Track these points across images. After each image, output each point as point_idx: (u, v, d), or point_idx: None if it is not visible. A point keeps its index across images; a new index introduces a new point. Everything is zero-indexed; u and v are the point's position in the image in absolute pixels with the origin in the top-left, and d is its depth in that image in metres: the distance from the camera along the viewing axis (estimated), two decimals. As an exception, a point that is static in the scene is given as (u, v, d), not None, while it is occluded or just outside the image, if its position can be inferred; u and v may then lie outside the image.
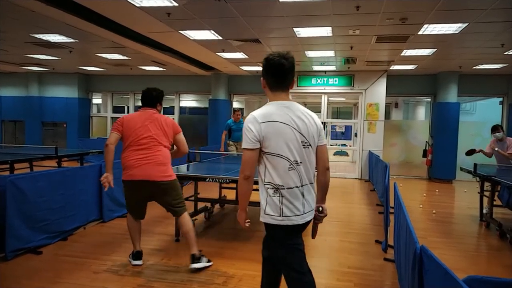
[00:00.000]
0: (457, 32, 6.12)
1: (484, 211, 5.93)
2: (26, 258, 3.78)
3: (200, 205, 5.49)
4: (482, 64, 8.97)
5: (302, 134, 2.11)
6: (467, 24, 5.70)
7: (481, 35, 6.33)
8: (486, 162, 6.82)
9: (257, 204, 5.77)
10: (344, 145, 17.40)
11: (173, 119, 3.77)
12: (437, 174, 10.40)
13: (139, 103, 14.50)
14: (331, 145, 15.58)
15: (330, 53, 8.25)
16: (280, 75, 2.13)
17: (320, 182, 2.32)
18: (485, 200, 5.96)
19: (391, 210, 4.43)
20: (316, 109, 11.69)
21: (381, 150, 10.28)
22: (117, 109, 14.12)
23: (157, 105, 3.77)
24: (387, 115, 13.89)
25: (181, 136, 3.73)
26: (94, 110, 14.55)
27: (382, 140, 10.46)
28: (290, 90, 2.22)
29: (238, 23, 5.99)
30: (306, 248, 4.54)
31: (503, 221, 5.33)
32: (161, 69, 11.04)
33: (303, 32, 6.47)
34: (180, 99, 12.90)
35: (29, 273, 3.44)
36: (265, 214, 2.14)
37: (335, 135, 18.47)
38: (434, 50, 7.57)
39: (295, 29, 6.32)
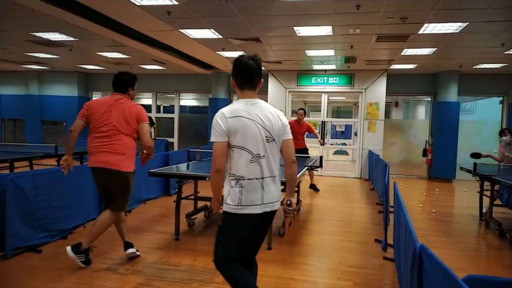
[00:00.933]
0: (457, 31, 6.12)
1: (484, 210, 5.93)
2: (26, 256, 3.78)
3: (200, 204, 5.49)
4: (482, 63, 8.97)
5: (266, 130, 2.25)
6: (467, 23, 5.70)
7: (481, 34, 6.33)
8: (486, 161, 6.83)
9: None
10: (344, 144, 17.42)
11: (145, 114, 3.62)
12: (437, 173, 10.40)
13: (139, 102, 14.46)
14: (331, 144, 15.58)
15: (330, 52, 8.24)
16: (248, 75, 2.28)
17: (286, 175, 2.43)
18: (485, 199, 5.97)
19: (391, 209, 4.43)
20: (316, 108, 11.69)
21: (381, 149, 10.27)
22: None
23: (129, 90, 3.61)
24: (387, 114, 13.88)
25: (144, 126, 3.52)
26: (94, 108, 14.53)
27: (382, 139, 10.45)
28: (290, 89, 2.26)
29: (238, 22, 5.99)
30: (305, 247, 4.56)
31: (503, 221, 5.34)
32: (161, 68, 11.03)
33: (303, 31, 6.46)
34: (180, 98, 12.90)
35: (29, 272, 3.44)
36: (225, 203, 2.27)
37: (335, 134, 18.49)
38: (434, 49, 7.57)
39: (295, 28, 6.31)
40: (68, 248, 3.42)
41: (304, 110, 8.16)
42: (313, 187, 8.29)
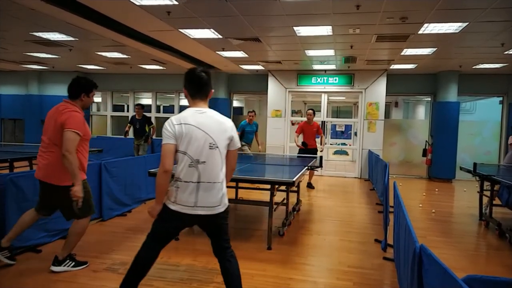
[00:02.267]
0: (457, 31, 6.12)
1: (484, 210, 5.93)
2: (25, 256, 3.77)
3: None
4: (482, 63, 8.96)
5: (211, 137, 2.43)
6: (467, 23, 5.70)
7: (481, 34, 6.33)
8: (486, 161, 6.83)
9: (256, 203, 5.73)
10: (344, 144, 17.41)
11: (74, 121, 3.25)
12: (437, 173, 10.40)
13: (139, 102, 14.39)
14: (331, 144, 15.58)
15: (330, 52, 8.24)
16: (200, 85, 2.52)
17: (224, 174, 2.63)
18: (485, 199, 5.97)
19: (391, 209, 4.43)
20: (316, 108, 11.69)
21: (381, 149, 10.28)
22: (117, 108, 14.11)
23: (82, 96, 3.39)
24: (387, 114, 13.88)
25: (66, 133, 3.16)
26: (94, 108, 14.53)
27: (382, 139, 10.46)
28: (290, 89, 2.30)
29: (238, 22, 5.98)
30: (305, 247, 4.55)
31: (503, 221, 5.33)
32: (161, 67, 11.03)
33: (303, 31, 6.46)
34: (180, 97, 12.89)
35: (29, 272, 3.44)
36: (167, 199, 2.49)
37: (335, 134, 18.48)
38: (434, 49, 7.57)
39: (295, 28, 6.31)
40: (52, 267, 3.42)
41: (313, 110, 8.37)
42: (309, 185, 8.43)
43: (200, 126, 2.41)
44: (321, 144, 8.61)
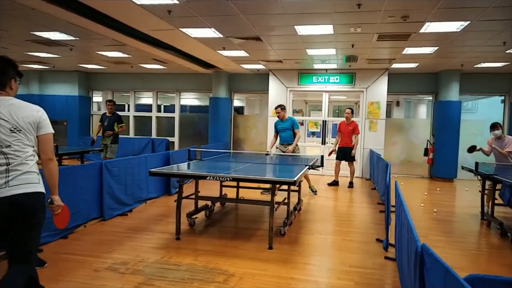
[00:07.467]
0: (458, 30, 6.10)
1: (485, 209, 5.92)
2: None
3: (201, 203, 5.49)
4: (483, 62, 8.93)
5: (8, 121, 2.31)
6: (468, 22, 5.68)
7: (483, 33, 6.31)
8: (488, 160, 6.82)
9: (257, 202, 5.73)
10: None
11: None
12: (439, 172, 10.38)
13: (140, 101, 14.37)
14: (332, 143, 15.52)
15: (331, 51, 8.22)
16: None
17: (44, 172, 2.62)
18: (487, 198, 5.95)
19: (392, 209, 4.42)
20: (317, 107, 11.68)
21: (382, 148, 10.26)
22: (118, 107, 14.04)
23: None
24: (388, 113, 13.85)
25: None
26: (95, 108, 14.53)
27: (383, 139, 10.44)
28: (291, 88, 2.24)
29: (239, 21, 5.98)
30: (306, 247, 4.54)
31: (504, 220, 5.32)
32: (161, 67, 11.03)
33: (304, 30, 6.45)
34: (181, 97, 12.89)
35: (30, 271, 3.44)
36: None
37: (336, 133, 18.45)
38: (436, 48, 7.55)
39: (296, 27, 6.30)
40: None
41: (352, 109, 8.72)
42: (351, 184, 8.91)
43: None
44: (353, 148, 8.68)
